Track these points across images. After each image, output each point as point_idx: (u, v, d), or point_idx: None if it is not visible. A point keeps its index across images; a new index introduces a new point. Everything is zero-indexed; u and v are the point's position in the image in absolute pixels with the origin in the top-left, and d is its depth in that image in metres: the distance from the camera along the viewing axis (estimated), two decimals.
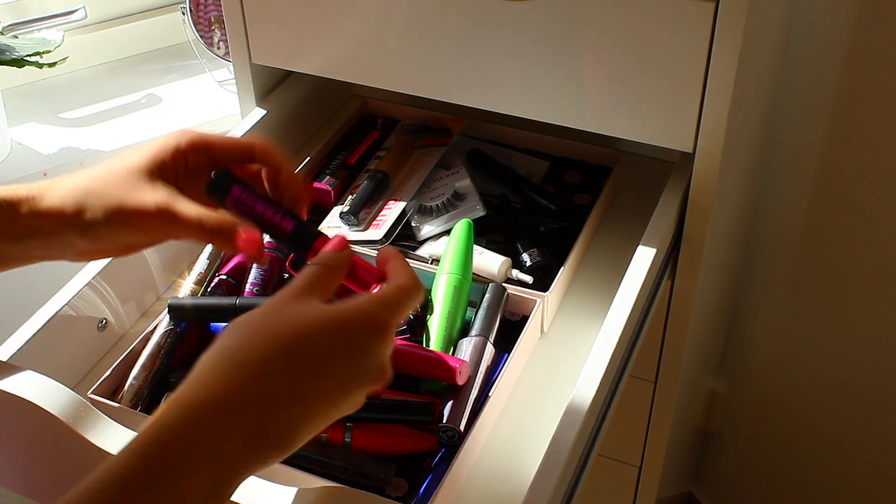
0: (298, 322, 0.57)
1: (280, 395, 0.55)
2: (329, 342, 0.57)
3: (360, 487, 0.72)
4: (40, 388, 0.69)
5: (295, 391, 0.55)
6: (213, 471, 0.51)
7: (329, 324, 0.57)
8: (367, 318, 0.58)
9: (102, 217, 0.66)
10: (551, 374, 0.86)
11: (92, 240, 0.68)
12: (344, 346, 0.57)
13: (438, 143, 1.08)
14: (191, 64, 1.51)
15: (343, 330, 0.57)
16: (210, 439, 0.52)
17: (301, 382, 0.55)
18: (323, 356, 0.56)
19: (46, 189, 0.68)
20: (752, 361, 1.55)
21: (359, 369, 0.58)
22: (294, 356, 0.56)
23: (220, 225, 0.67)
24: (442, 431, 0.77)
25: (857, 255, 1.34)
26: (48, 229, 0.67)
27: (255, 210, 0.69)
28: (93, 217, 0.66)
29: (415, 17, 0.93)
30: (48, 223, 0.67)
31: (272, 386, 0.54)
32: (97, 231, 0.67)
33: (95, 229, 0.67)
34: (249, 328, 0.57)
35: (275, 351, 0.55)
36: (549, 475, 0.67)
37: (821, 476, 1.60)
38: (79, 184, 0.68)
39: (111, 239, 0.67)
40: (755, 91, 1.04)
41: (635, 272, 0.85)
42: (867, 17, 1.15)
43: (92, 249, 0.69)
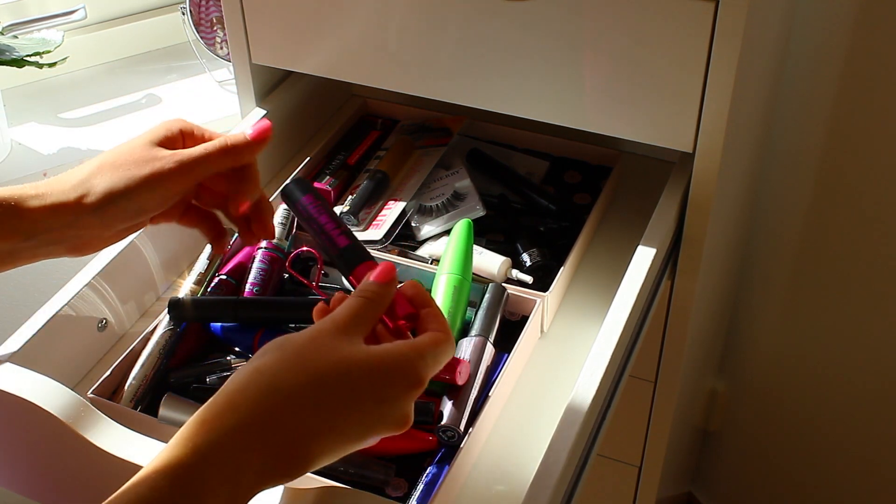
0: (339, 361, 0.57)
1: (305, 429, 0.55)
2: (363, 386, 0.57)
3: (360, 487, 0.72)
4: (40, 388, 0.69)
5: (320, 427, 0.56)
6: (230, 492, 0.52)
7: (368, 367, 0.57)
8: (406, 369, 0.59)
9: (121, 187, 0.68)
10: (551, 374, 0.86)
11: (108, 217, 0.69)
12: (377, 392, 0.57)
13: (438, 143, 1.08)
14: (191, 64, 1.51)
15: (379, 376, 0.58)
16: (233, 464, 0.53)
17: (328, 419, 0.56)
18: (355, 398, 0.57)
19: (54, 183, 0.69)
20: (752, 361, 1.55)
21: (384, 415, 0.58)
22: (326, 394, 0.56)
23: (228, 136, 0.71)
24: (442, 431, 0.77)
25: (857, 255, 1.34)
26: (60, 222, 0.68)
27: (319, 219, 0.73)
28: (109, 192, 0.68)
29: (415, 18, 0.93)
30: (61, 214, 0.68)
31: (299, 419, 0.55)
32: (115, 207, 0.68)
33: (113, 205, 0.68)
34: (287, 356, 0.57)
35: (309, 386, 0.56)
36: (549, 475, 0.67)
37: (821, 476, 1.60)
38: (88, 169, 0.70)
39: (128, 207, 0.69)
40: (755, 91, 1.04)
41: (635, 272, 0.85)
42: (867, 17, 1.15)
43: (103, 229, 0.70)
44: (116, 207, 0.69)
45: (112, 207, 0.69)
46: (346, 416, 0.56)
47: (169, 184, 0.70)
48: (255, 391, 0.55)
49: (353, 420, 0.57)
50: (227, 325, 0.84)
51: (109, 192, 0.68)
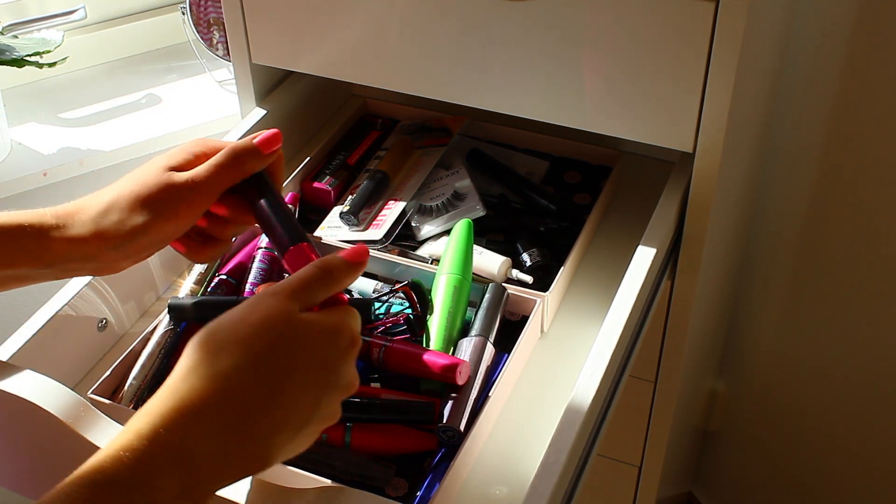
0: (272, 326, 0.57)
1: (251, 401, 0.55)
2: (301, 351, 0.57)
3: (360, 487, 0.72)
4: (40, 388, 0.69)
5: (266, 398, 0.55)
6: (183, 475, 0.52)
7: (304, 331, 0.57)
8: (342, 330, 0.59)
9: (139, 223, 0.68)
10: (551, 374, 0.86)
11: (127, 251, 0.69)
12: (317, 356, 0.57)
13: (438, 143, 1.08)
14: (191, 64, 1.51)
15: (315, 341, 0.57)
16: (180, 444, 0.52)
17: (271, 393, 0.55)
18: (294, 365, 0.56)
19: (74, 213, 0.69)
20: (752, 361, 1.55)
21: (330, 381, 0.58)
22: (264, 367, 0.55)
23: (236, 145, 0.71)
24: (442, 431, 0.77)
25: (857, 254, 1.34)
26: (80, 255, 0.69)
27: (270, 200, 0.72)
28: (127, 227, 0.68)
29: (415, 17, 0.93)
30: (82, 248, 0.69)
31: (242, 393, 0.54)
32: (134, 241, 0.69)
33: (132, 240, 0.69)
34: (224, 334, 0.57)
35: (245, 357, 0.55)
36: (549, 475, 0.67)
37: (821, 476, 1.60)
38: (106, 199, 0.70)
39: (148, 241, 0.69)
40: (755, 91, 1.04)
41: (635, 272, 0.85)
42: (867, 17, 1.15)
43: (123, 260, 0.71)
44: (137, 244, 0.69)
45: (132, 244, 0.69)
46: (290, 385, 0.56)
47: (187, 211, 0.69)
48: (192, 375, 0.55)
49: (299, 388, 0.56)
50: None
51: (129, 228, 0.69)
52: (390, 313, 0.86)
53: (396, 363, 0.81)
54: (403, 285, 0.86)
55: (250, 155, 0.71)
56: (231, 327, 0.57)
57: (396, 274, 0.92)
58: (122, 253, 0.70)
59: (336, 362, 0.58)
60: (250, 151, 0.71)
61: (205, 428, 0.53)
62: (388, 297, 0.87)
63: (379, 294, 0.88)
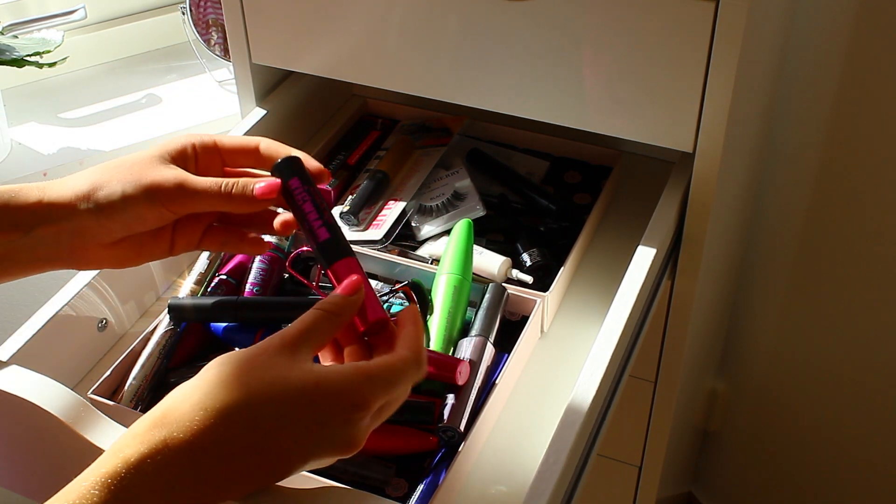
0: (274, 380, 0.56)
1: (233, 449, 0.54)
2: (297, 409, 0.56)
3: (360, 487, 0.72)
4: (40, 388, 0.69)
5: (250, 447, 0.55)
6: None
7: (302, 387, 0.56)
8: (346, 392, 0.57)
9: (119, 191, 0.67)
10: (551, 374, 0.86)
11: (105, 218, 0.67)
12: (313, 414, 0.56)
13: (438, 143, 1.08)
14: (191, 64, 1.51)
15: (315, 398, 0.56)
16: (162, 478, 0.53)
17: (259, 440, 0.55)
18: (287, 419, 0.55)
19: (56, 182, 0.68)
20: (752, 361, 1.55)
21: (325, 437, 0.57)
22: (257, 414, 0.55)
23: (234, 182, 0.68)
24: (442, 431, 0.77)
25: (857, 255, 1.34)
26: (58, 215, 0.67)
27: (303, 207, 0.70)
28: (108, 193, 0.67)
29: (415, 17, 0.93)
30: (59, 208, 0.67)
31: (226, 439, 0.54)
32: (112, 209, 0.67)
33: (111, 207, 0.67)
34: (225, 372, 0.57)
35: (238, 404, 0.55)
36: (549, 475, 0.67)
37: (821, 476, 1.60)
38: (91, 171, 0.68)
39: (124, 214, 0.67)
40: (755, 91, 1.04)
41: (635, 272, 0.85)
42: (867, 17, 1.15)
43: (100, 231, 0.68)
44: (113, 211, 0.67)
45: (108, 210, 0.67)
46: (279, 436, 0.55)
47: (166, 202, 0.68)
48: (186, 408, 0.55)
49: (287, 441, 0.55)
50: (227, 325, 0.84)
51: (107, 195, 0.67)
52: (390, 313, 0.86)
53: None
54: (403, 285, 0.86)
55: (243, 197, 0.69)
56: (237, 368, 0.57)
57: (396, 274, 0.92)
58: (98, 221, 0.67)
59: (336, 422, 0.57)
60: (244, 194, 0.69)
61: (186, 463, 0.53)
62: (388, 297, 0.87)
63: (379, 294, 0.88)
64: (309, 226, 0.69)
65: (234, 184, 0.69)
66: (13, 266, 0.68)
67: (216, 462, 0.54)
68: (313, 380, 0.56)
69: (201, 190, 0.68)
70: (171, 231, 0.72)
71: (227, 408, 0.55)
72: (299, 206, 0.70)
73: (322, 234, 0.69)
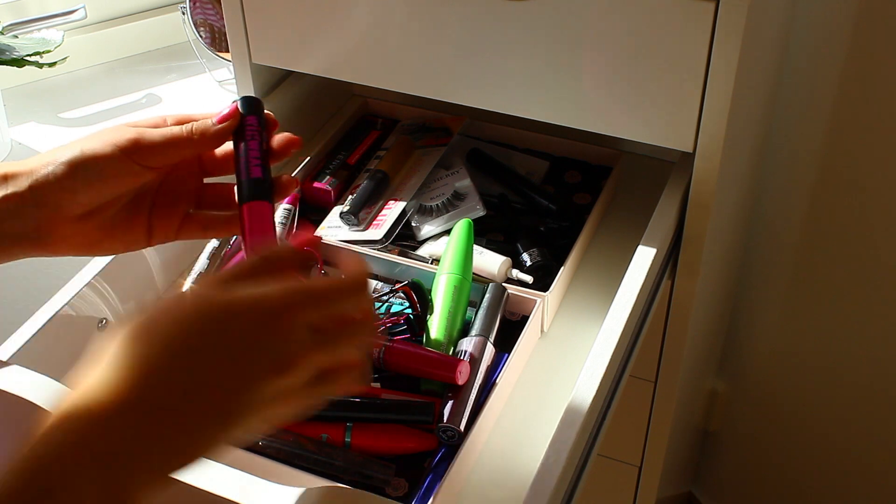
0: (188, 314, 0.52)
1: (169, 392, 0.50)
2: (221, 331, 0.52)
3: (360, 487, 0.72)
4: (40, 388, 0.69)
5: (185, 386, 0.50)
6: (99, 477, 0.48)
7: (223, 310, 0.52)
8: (263, 302, 0.53)
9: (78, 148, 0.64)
10: (551, 374, 0.86)
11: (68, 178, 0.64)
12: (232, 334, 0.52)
13: (438, 143, 1.08)
14: (191, 64, 1.51)
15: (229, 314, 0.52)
16: (85, 445, 0.48)
17: (191, 377, 0.51)
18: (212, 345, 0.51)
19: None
20: (752, 361, 1.55)
21: (256, 358, 0.52)
22: (181, 349, 0.51)
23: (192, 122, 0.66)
24: (442, 431, 0.77)
25: (857, 254, 1.34)
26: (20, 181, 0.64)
27: (249, 143, 0.68)
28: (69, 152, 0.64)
29: (415, 17, 0.93)
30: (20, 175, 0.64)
31: (158, 383, 0.50)
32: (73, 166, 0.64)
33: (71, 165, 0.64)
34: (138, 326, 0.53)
35: (160, 346, 0.51)
36: (549, 475, 0.67)
37: (820, 476, 1.60)
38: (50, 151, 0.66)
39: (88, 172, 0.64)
40: (755, 91, 1.04)
41: (635, 272, 0.85)
42: (867, 17, 1.15)
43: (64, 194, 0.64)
44: (74, 168, 0.64)
45: (70, 168, 0.64)
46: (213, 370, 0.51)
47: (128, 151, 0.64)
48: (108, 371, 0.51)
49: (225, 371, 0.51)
50: None
51: (69, 153, 0.64)
52: (390, 313, 0.86)
53: (396, 363, 0.81)
54: (403, 285, 0.86)
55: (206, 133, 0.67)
56: (149, 319, 0.53)
57: (396, 274, 0.92)
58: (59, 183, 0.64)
59: (259, 333, 0.52)
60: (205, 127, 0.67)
61: (108, 423, 0.49)
62: (388, 297, 0.87)
63: (379, 294, 0.88)
64: (246, 159, 0.67)
65: (193, 123, 0.67)
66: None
67: (151, 421, 0.50)
68: (227, 298, 0.53)
69: (161, 135, 0.65)
70: (147, 216, 0.69)
71: (149, 357, 0.51)
72: (246, 140, 0.68)
73: (255, 171, 0.67)
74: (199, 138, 0.66)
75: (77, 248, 0.68)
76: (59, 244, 0.66)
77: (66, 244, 0.67)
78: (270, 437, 0.76)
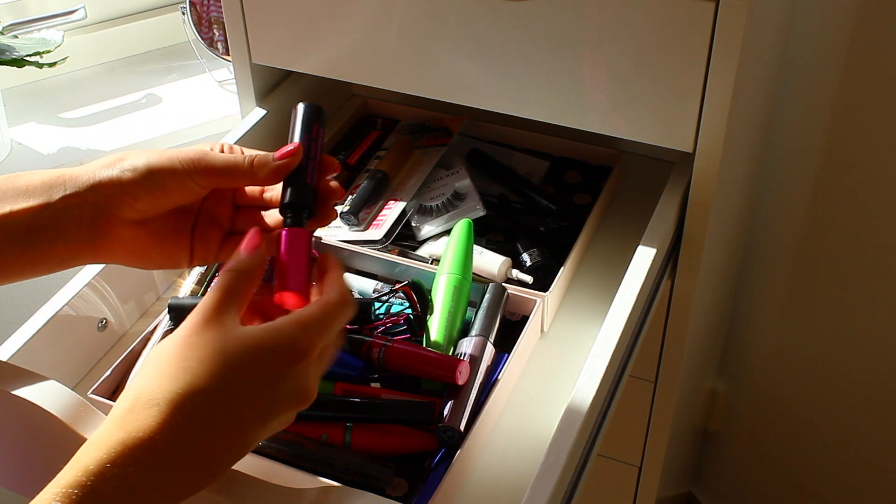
0: (213, 355, 0.56)
1: (195, 432, 0.55)
2: (243, 374, 0.56)
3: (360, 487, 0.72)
4: (40, 388, 0.69)
5: (210, 427, 0.55)
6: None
7: (242, 354, 0.57)
8: (285, 346, 0.58)
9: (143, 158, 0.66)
10: (551, 374, 0.86)
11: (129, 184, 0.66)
12: (260, 376, 0.57)
13: (438, 143, 1.08)
14: (191, 64, 1.51)
15: (257, 360, 0.57)
16: (126, 478, 0.53)
17: (217, 418, 0.55)
18: (237, 389, 0.56)
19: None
20: (752, 361, 1.55)
21: (278, 397, 0.57)
22: (208, 393, 0.55)
23: (255, 154, 0.68)
24: (442, 431, 0.77)
25: (857, 254, 1.34)
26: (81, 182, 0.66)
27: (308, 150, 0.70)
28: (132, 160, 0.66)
29: (415, 17, 0.93)
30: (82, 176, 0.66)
31: (185, 423, 0.55)
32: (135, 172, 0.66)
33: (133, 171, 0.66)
34: (161, 363, 0.57)
35: (184, 390, 0.55)
36: (549, 475, 0.67)
37: (821, 476, 1.60)
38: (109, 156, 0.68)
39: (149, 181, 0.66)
40: (755, 91, 1.04)
41: (635, 272, 0.85)
42: (867, 17, 1.15)
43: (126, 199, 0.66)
44: (135, 175, 0.66)
45: (131, 174, 0.66)
46: (234, 408, 0.56)
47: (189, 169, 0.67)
48: (140, 407, 0.55)
49: (244, 410, 0.56)
50: None
51: (131, 161, 0.67)
52: (390, 313, 0.86)
53: (396, 363, 0.81)
54: (403, 285, 0.86)
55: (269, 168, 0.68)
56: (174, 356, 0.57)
57: (396, 274, 0.92)
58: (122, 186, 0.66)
59: (284, 377, 0.57)
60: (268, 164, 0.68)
61: (147, 459, 0.53)
62: (388, 297, 0.87)
63: (379, 294, 0.88)
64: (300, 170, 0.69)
65: (255, 155, 0.69)
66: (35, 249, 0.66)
67: (179, 454, 0.54)
68: (251, 343, 0.57)
69: (222, 160, 0.68)
70: (190, 237, 0.71)
71: (178, 397, 0.55)
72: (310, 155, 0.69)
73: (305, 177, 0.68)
74: (258, 171, 0.68)
75: (127, 254, 0.69)
76: (111, 248, 0.68)
77: (118, 249, 0.68)
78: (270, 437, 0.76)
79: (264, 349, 0.57)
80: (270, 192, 0.72)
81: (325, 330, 0.60)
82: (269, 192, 0.72)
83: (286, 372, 0.57)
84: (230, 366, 0.56)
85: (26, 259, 0.66)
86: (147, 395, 0.55)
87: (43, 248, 0.66)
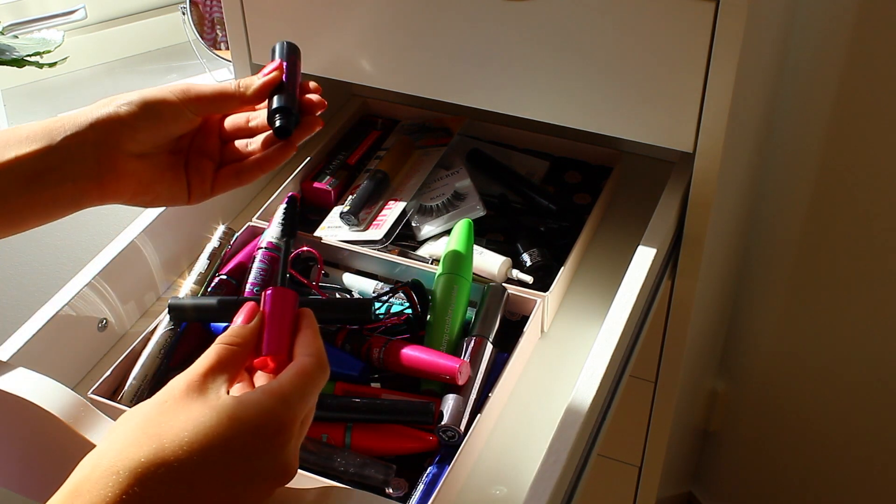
0: (185, 425, 0.53)
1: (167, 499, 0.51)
2: (215, 448, 0.53)
3: (360, 487, 0.72)
4: (40, 388, 0.69)
5: (177, 501, 0.51)
6: None
7: (217, 426, 0.53)
8: (265, 423, 0.54)
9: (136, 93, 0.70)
10: (551, 374, 0.86)
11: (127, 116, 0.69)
12: (234, 451, 0.53)
13: (438, 143, 1.08)
14: (191, 64, 1.51)
15: (234, 434, 0.53)
16: None
17: (179, 493, 0.51)
18: (207, 464, 0.52)
19: None
20: (752, 361, 1.55)
21: (253, 474, 0.54)
22: (174, 466, 0.51)
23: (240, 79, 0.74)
24: (442, 431, 0.77)
25: (857, 255, 1.34)
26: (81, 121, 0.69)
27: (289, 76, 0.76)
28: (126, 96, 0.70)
29: (415, 17, 0.93)
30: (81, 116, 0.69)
31: (144, 497, 0.50)
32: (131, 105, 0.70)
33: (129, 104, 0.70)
34: (131, 429, 0.53)
35: (154, 459, 0.51)
36: (549, 475, 0.67)
37: (821, 476, 1.60)
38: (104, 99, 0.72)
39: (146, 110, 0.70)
40: (755, 91, 1.04)
41: (635, 272, 0.85)
42: (867, 17, 1.15)
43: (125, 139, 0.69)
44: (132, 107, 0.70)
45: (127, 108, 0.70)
46: (201, 485, 0.52)
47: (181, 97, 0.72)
48: (98, 475, 0.51)
49: (212, 488, 0.52)
50: (227, 325, 0.84)
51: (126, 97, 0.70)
52: (390, 313, 0.86)
53: (396, 363, 0.81)
54: (403, 285, 0.86)
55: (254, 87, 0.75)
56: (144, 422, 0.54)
57: (396, 274, 0.92)
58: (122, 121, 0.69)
59: (264, 452, 0.54)
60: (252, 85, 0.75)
61: None
62: (388, 297, 0.87)
63: (379, 294, 0.88)
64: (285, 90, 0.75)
65: (239, 80, 0.75)
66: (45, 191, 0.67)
67: None
68: (227, 416, 0.54)
69: (211, 86, 0.73)
70: (185, 173, 0.75)
71: (140, 466, 0.51)
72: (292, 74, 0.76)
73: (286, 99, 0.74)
74: (246, 90, 0.74)
75: (132, 187, 0.72)
76: (118, 183, 0.70)
77: (124, 183, 0.71)
78: None
79: (242, 423, 0.54)
80: (255, 120, 0.77)
81: (306, 399, 0.57)
82: (254, 121, 0.77)
83: (266, 448, 0.54)
84: (202, 438, 0.52)
85: (36, 202, 0.68)
86: (108, 462, 0.51)
87: (52, 190, 0.68)
